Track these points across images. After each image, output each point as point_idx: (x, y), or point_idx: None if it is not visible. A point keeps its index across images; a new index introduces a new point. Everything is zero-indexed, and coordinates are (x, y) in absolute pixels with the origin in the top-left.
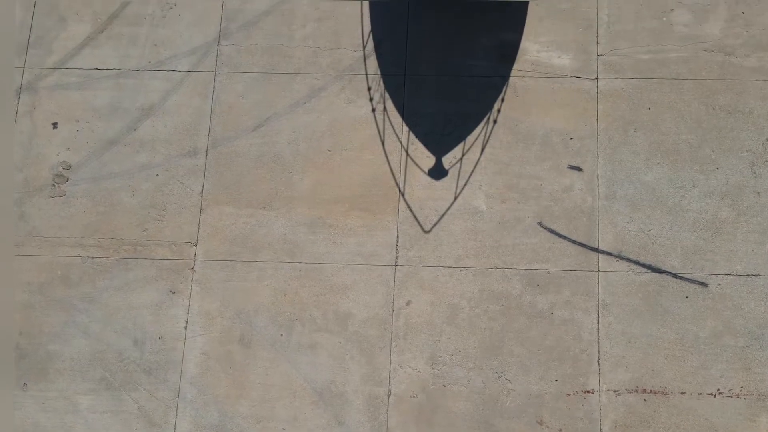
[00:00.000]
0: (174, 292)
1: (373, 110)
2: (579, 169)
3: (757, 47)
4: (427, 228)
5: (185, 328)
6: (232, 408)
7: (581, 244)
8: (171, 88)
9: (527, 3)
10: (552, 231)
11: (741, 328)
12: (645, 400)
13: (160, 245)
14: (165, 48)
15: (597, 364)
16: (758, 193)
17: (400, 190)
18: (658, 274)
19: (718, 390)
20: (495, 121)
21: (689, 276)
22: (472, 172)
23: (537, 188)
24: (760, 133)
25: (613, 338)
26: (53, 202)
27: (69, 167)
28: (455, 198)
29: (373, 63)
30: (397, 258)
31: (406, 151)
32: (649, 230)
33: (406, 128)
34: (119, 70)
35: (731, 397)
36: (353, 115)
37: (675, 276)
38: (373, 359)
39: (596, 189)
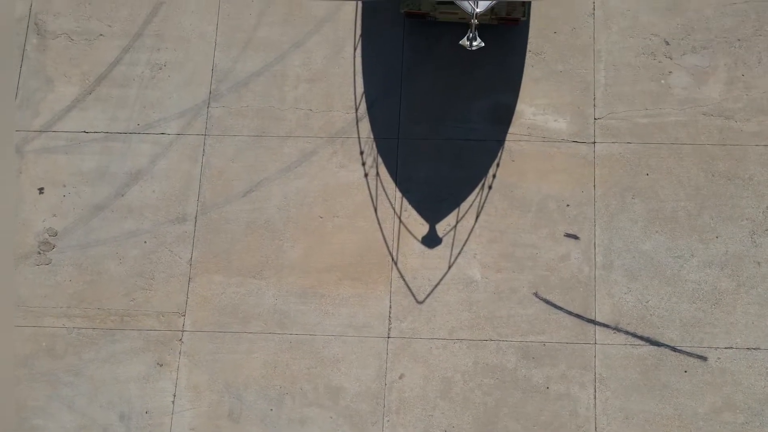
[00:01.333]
0: (161, 365)
1: (366, 175)
2: (576, 237)
3: (757, 111)
4: (420, 298)
5: (173, 402)
6: None
7: (578, 316)
8: (160, 151)
9: (524, 59)
10: (548, 302)
11: (741, 404)
12: None
13: (147, 315)
14: (154, 110)
15: None
16: (758, 263)
17: (393, 259)
18: (656, 347)
19: None
20: (490, 187)
21: (688, 349)
22: (467, 240)
23: (533, 257)
24: (761, 201)
25: (611, 414)
26: (39, 271)
27: (55, 234)
28: (449, 267)
29: (365, 126)
30: (389, 329)
31: (399, 218)
32: (647, 301)
33: (399, 194)
34: (107, 133)
35: None
36: (345, 180)
37: (673, 349)
38: None
39: (593, 258)
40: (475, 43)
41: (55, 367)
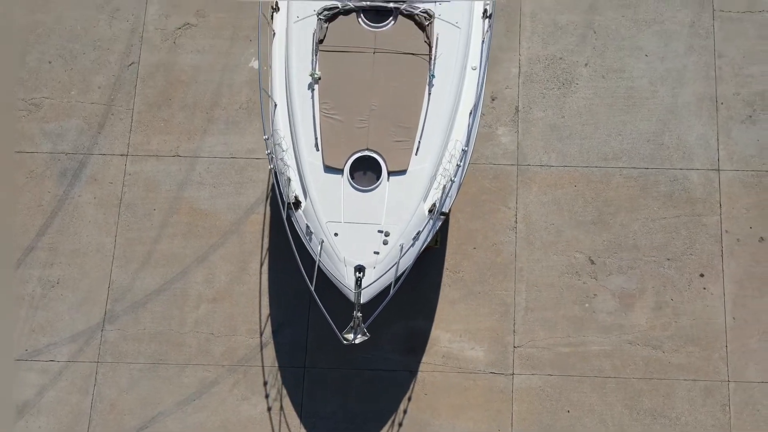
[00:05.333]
0: None
1: (269, 409)
2: None
3: (686, 340)
4: None
5: None
6: None
7: None
8: (48, 382)
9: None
10: None
11: None
12: None
13: None
14: (44, 334)
15: None
16: None
17: None
18: None
19: None
20: (401, 424)
21: None
22: None
23: None
24: None
25: None
26: None
27: None
28: None
29: (270, 353)
30: None
31: None
32: None
33: (304, 431)
34: None
35: None
36: (247, 414)
37: None
38: None
39: None
40: (359, 337)
41: None
